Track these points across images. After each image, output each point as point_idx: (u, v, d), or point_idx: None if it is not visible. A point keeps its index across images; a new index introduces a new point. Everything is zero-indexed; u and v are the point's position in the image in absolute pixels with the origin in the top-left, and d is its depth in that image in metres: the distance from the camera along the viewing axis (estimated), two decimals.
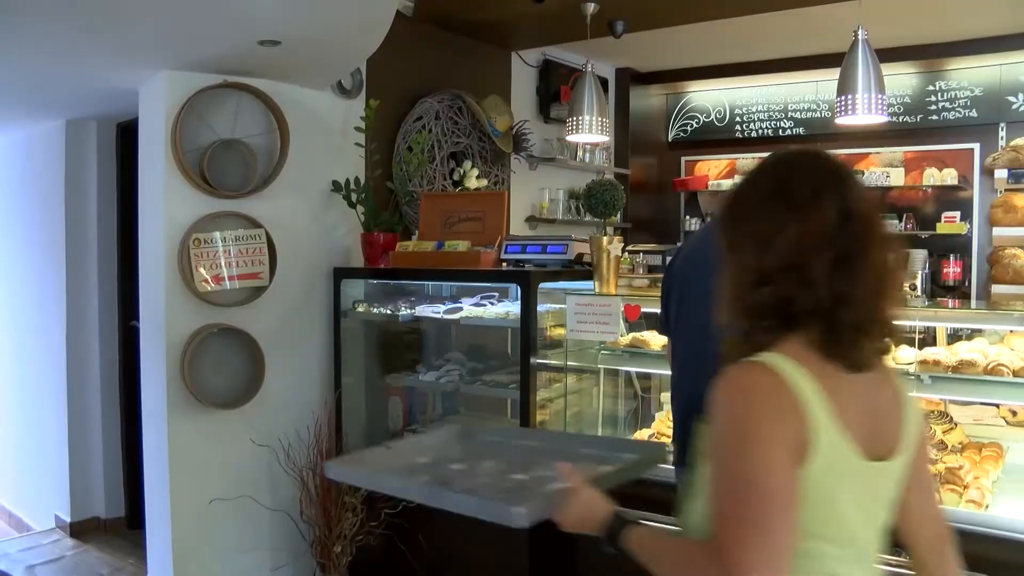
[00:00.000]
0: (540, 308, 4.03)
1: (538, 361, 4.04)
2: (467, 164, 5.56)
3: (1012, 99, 6.69)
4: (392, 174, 5.12)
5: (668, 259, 4.49)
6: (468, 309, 4.41)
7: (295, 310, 4.62)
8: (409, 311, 4.56)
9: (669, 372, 4.31)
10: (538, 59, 6.82)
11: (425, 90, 5.47)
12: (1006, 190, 6.41)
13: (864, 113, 4.23)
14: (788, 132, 7.61)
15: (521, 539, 3.98)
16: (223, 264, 4.21)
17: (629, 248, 4.68)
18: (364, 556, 4.33)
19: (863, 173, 7.13)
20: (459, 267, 4.36)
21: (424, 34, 5.50)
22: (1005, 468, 3.39)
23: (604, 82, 7.49)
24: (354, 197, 4.68)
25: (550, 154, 6.78)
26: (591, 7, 5.12)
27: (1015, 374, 3.12)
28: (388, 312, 4.62)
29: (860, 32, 4.30)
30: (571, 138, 5.13)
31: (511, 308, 4.20)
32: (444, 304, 4.53)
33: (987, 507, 3.03)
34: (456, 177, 5.52)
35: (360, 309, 4.73)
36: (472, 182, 5.49)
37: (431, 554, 4.24)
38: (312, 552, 4.38)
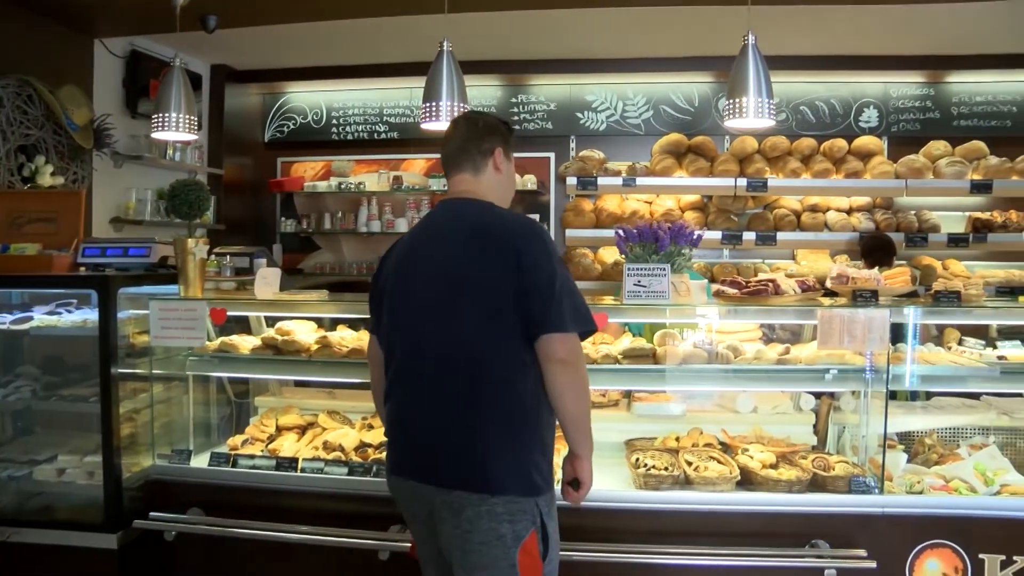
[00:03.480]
0: (122, 315, 3.82)
1: (120, 371, 3.82)
2: (40, 159, 5.11)
3: (580, 115, 7.50)
4: None
5: (257, 261, 4.47)
6: (40, 318, 4.07)
7: None
8: None
9: (260, 376, 4.30)
10: (125, 49, 6.42)
11: None
12: (576, 196, 7.13)
13: (448, 120, 4.48)
14: (383, 136, 7.86)
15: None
16: None
17: (216, 250, 4.56)
18: None
19: None
20: (27, 272, 4.00)
21: None
22: None
23: (198, 78, 7.25)
24: None
25: (138, 152, 6.41)
26: None
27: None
28: None
29: (445, 44, 4.55)
30: (158, 135, 4.86)
31: (90, 316, 3.93)
32: (12, 313, 4.13)
33: (559, 482, 3.37)
34: (27, 173, 5.04)
35: None
36: (46, 179, 5.06)
37: None
38: None
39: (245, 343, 3.95)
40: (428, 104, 4.48)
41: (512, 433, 2.46)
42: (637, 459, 3.62)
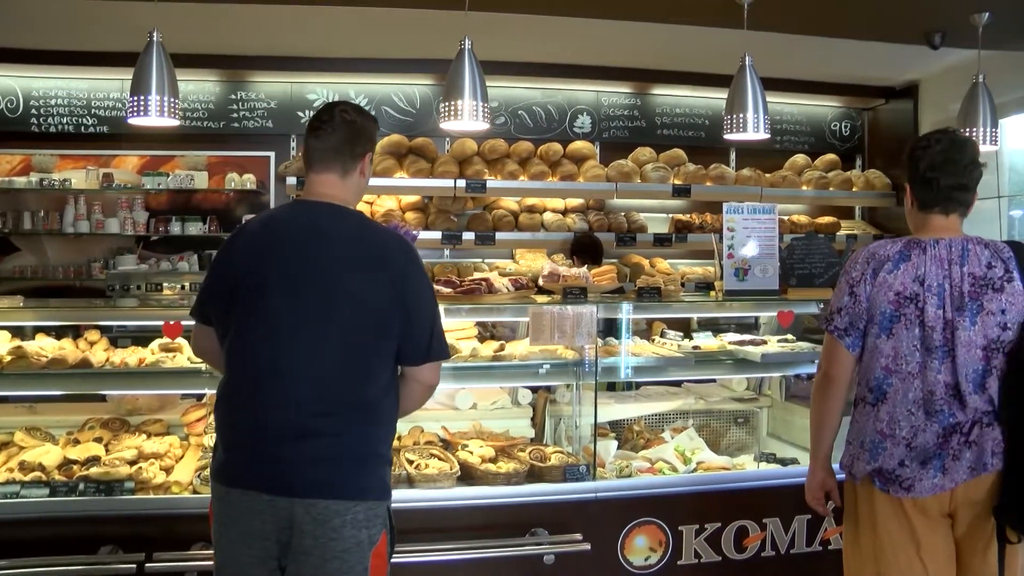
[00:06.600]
0: None
1: None
2: None
3: (301, 114, 7.37)
4: None
5: None
6: None
7: None
8: None
9: None
10: None
11: None
12: (296, 196, 7.02)
13: (157, 116, 4.35)
14: (91, 130, 7.29)
15: None
16: None
17: None
18: None
19: (167, 175, 7.19)
20: None
21: None
22: None
23: None
24: None
25: None
26: None
27: None
28: None
29: (155, 34, 4.39)
30: None
31: None
32: None
33: None
34: None
35: None
36: None
37: None
38: None
39: None
40: (136, 98, 4.33)
41: (375, 442, 2.50)
42: None
